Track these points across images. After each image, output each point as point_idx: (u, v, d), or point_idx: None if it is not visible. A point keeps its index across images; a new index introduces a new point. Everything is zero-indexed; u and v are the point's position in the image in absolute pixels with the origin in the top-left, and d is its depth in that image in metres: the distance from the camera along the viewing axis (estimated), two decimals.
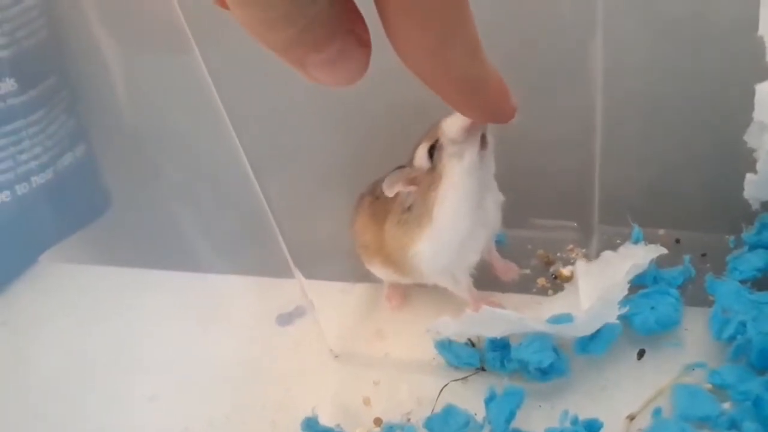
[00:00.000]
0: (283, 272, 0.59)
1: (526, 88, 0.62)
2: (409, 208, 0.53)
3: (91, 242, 0.74)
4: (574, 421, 0.46)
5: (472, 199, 0.52)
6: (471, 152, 0.50)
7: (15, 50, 0.66)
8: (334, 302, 0.62)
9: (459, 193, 0.51)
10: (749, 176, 0.54)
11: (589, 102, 0.60)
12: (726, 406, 0.47)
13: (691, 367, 0.50)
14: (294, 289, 0.59)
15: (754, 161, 0.53)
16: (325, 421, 0.50)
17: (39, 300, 0.68)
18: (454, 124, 0.50)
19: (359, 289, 0.63)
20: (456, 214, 0.52)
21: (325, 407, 0.51)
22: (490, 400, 0.48)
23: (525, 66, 0.62)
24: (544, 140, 0.63)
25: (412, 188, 0.52)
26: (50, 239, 0.74)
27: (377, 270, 0.59)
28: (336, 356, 0.57)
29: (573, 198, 0.64)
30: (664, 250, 0.55)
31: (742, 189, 0.55)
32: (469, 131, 0.50)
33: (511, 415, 0.47)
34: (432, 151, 0.51)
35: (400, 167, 0.53)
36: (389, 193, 0.52)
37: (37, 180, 0.70)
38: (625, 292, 0.52)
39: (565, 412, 0.47)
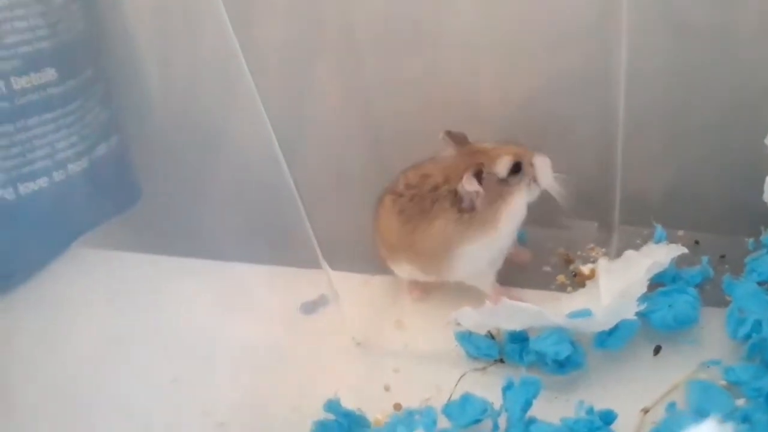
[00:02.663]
0: (308, 263, 0.61)
1: (551, 90, 0.64)
2: (469, 209, 0.55)
3: (122, 230, 0.76)
4: (590, 411, 0.47)
5: (524, 214, 0.58)
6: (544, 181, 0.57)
7: (56, 42, 0.68)
8: (356, 293, 0.63)
9: (522, 211, 0.57)
10: None
11: (612, 105, 0.61)
12: (740, 402, 0.48)
13: (706, 364, 0.51)
14: (318, 279, 0.61)
15: None
16: (346, 405, 0.51)
17: (72, 283, 0.69)
18: (545, 164, 0.57)
19: (380, 281, 0.64)
20: (514, 228, 0.58)
21: (347, 392, 0.52)
22: (507, 388, 0.49)
23: (552, 68, 0.64)
24: (567, 140, 0.65)
25: (481, 190, 0.55)
26: (84, 226, 0.76)
27: (400, 267, 0.60)
28: (358, 344, 0.58)
29: (595, 198, 0.65)
30: (684, 250, 0.56)
31: (762, 191, 0.56)
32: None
33: (528, 404, 0.48)
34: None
35: (476, 164, 0.55)
36: (470, 187, 0.55)
37: (73, 168, 0.72)
38: (645, 290, 0.53)
39: (581, 403, 0.48)
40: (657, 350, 0.54)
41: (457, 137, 0.58)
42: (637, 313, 0.53)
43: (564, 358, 0.52)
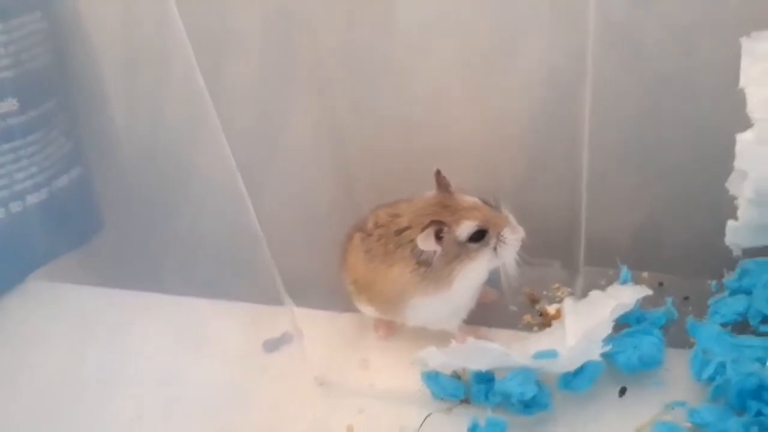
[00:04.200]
0: (271, 299, 0.60)
1: (516, 128, 0.65)
2: (425, 263, 0.55)
3: (80, 263, 0.74)
4: None
5: (483, 279, 0.57)
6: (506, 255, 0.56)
7: (19, 71, 0.67)
8: (321, 330, 0.62)
9: (479, 275, 0.56)
10: (730, 223, 0.56)
11: (577, 146, 0.62)
12: None
13: (671, 406, 0.51)
14: (281, 316, 0.60)
15: (736, 209, 0.55)
16: None
17: (27, 317, 0.67)
18: (514, 240, 0.56)
19: (346, 319, 0.63)
20: (471, 288, 0.57)
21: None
22: (473, 429, 0.48)
23: (516, 108, 0.65)
24: (531, 180, 0.65)
25: (438, 249, 0.54)
26: (41, 259, 0.74)
27: (363, 306, 0.60)
28: (321, 384, 0.57)
29: (559, 238, 0.65)
30: (649, 291, 0.57)
31: (725, 235, 0.57)
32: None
33: None
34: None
35: (436, 222, 0.54)
36: (424, 246, 0.54)
37: (31, 199, 0.71)
38: (610, 331, 0.53)
39: None
40: (622, 391, 0.53)
41: (442, 181, 0.57)
42: (603, 354, 0.53)
43: (530, 399, 0.51)
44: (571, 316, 0.57)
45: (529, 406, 0.52)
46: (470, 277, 0.56)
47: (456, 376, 0.56)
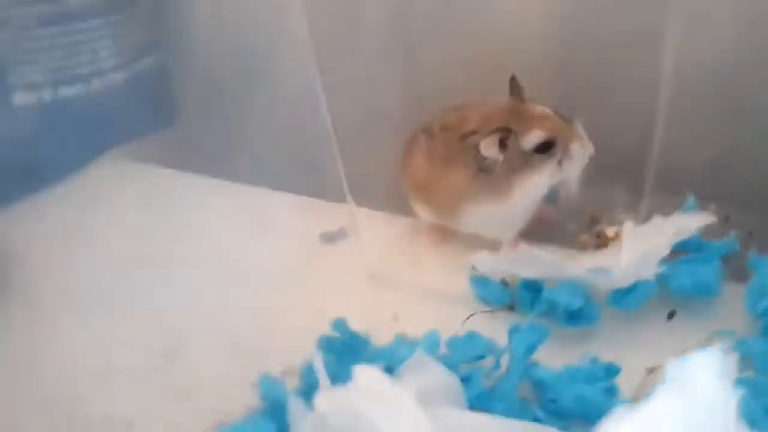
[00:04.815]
0: (335, 197, 0.61)
1: (595, 43, 0.63)
2: (486, 171, 0.54)
3: (157, 146, 0.77)
4: (594, 360, 0.47)
5: (544, 192, 0.56)
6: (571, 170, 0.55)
7: None
8: (376, 230, 0.63)
9: (540, 189, 0.56)
10: None
11: (657, 68, 0.59)
12: (748, 374, 0.47)
13: (719, 334, 0.50)
14: (341, 212, 0.61)
15: None
16: (355, 328, 0.51)
17: (104, 190, 0.70)
18: (582, 155, 0.55)
19: (401, 221, 0.64)
20: (531, 201, 0.56)
21: (356, 318, 0.52)
22: (513, 331, 0.48)
23: (597, 25, 0.63)
24: (606, 101, 0.64)
25: (501, 157, 0.54)
26: (118, 139, 0.77)
27: (420, 209, 0.60)
28: (371, 276, 0.58)
29: (628, 161, 0.64)
30: (713, 218, 0.55)
31: None
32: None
33: (532, 348, 0.47)
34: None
35: (503, 129, 0.54)
36: (487, 153, 0.54)
37: (112, 77, 0.73)
38: (666, 253, 0.52)
39: (586, 353, 0.47)
40: (671, 315, 0.53)
41: (516, 87, 0.57)
42: (656, 277, 0.52)
43: (576, 310, 0.51)
44: (629, 238, 0.56)
45: (574, 317, 0.52)
46: (531, 190, 0.55)
47: (504, 283, 0.56)
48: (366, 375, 0.38)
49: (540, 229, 0.61)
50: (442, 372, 0.41)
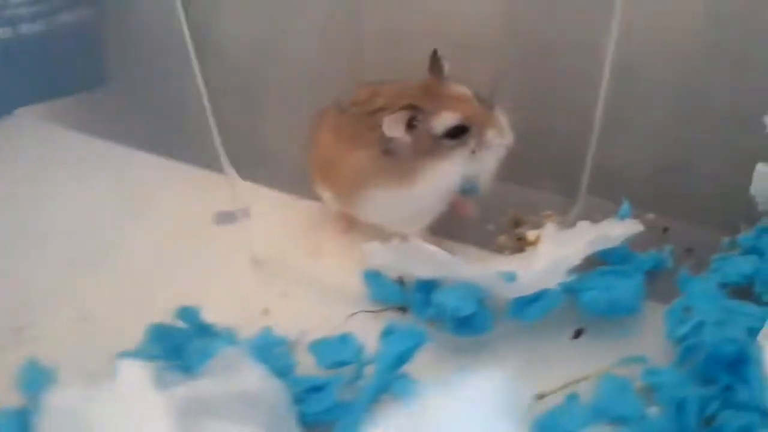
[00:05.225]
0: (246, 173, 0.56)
1: (536, 45, 0.57)
2: (391, 152, 0.48)
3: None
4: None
5: (455, 184, 0.49)
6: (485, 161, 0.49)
7: None
8: (278, 212, 0.57)
9: (450, 179, 0.49)
10: (760, 167, 0.46)
11: (597, 70, 0.53)
12: (651, 410, 0.40)
13: (629, 360, 0.43)
14: (238, 190, 0.55)
15: None
16: (219, 319, 0.45)
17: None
18: (499, 145, 0.48)
19: (311, 206, 0.57)
20: (438, 192, 0.49)
21: (223, 307, 0.46)
22: (386, 334, 0.42)
23: (538, 27, 0.57)
24: (545, 100, 0.57)
25: (408, 140, 0.47)
26: (31, 96, 0.71)
27: (323, 191, 0.54)
28: (256, 262, 0.52)
29: (567, 163, 0.57)
30: (640, 228, 0.48)
31: (749, 184, 0.48)
32: None
33: (403, 357, 0.41)
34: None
35: (410, 107, 0.47)
36: (389, 132, 0.47)
37: (25, 28, 0.67)
38: (578, 261, 0.46)
39: (462, 368, 0.40)
40: (578, 333, 0.46)
41: (435, 64, 0.50)
42: (567, 289, 0.45)
43: (466, 317, 0.44)
44: (547, 243, 0.49)
45: (465, 325, 0.45)
46: (438, 179, 0.48)
47: (401, 281, 0.49)
48: (130, 373, 0.31)
49: (456, 226, 0.55)
50: (258, 375, 0.34)
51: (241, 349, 0.36)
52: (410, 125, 0.47)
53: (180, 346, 0.40)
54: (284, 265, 0.52)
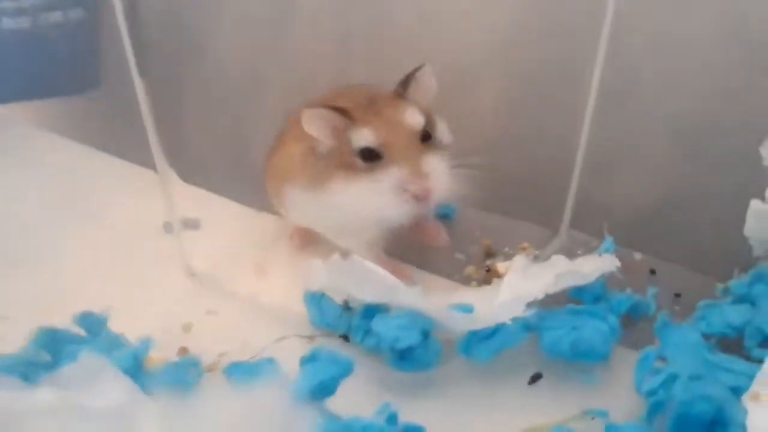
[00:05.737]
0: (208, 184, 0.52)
1: (519, 77, 0.53)
2: (313, 152, 0.45)
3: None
4: (391, 419, 0.34)
5: (379, 212, 0.43)
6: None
7: None
8: (229, 223, 0.53)
9: (359, 202, 0.43)
10: (755, 204, 0.41)
11: (581, 98, 0.48)
12: None
13: (588, 414, 0.38)
14: (192, 196, 0.52)
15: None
16: (131, 329, 0.40)
17: None
18: (414, 191, 0.42)
19: (264, 219, 0.53)
20: (355, 208, 0.43)
21: (143, 316, 0.42)
22: (307, 361, 0.37)
23: (523, 56, 0.52)
24: (530, 129, 0.53)
25: (330, 145, 0.44)
26: (13, 95, 0.69)
27: (268, 189, 0.50)
28: (192, 275, 0.48)
29: (548, 195, 0.52)
30: (616, 264, 0.43)
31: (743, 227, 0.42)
32: None
33: (324, 389, 0.36)
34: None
35: (333, 109, 0.43)
36: (307, 128, 0.44)
37: (7, 23, 0.65)
38: (541, 296, 0.40)
39: (387, 405, 0.35)
40: (535, 378, 0.40)
41: (407, 80, 0.45)
42: (527, 325, 0.40)
43: (407, 350, 0.39)
44: (513, 275, 0.44)
45: (405, 359, 0.40)
46: (348, 195, 0.43)
47: (347, 306, 0.44)
48: None
49: (423, 252, 0.50)
50: (122, 389, 0.29)
51: (103, 360, 0.31)
52: (337, 131, 0.43)
53: (60, 351, 0.35)
54: (219, 280, 0.47)
